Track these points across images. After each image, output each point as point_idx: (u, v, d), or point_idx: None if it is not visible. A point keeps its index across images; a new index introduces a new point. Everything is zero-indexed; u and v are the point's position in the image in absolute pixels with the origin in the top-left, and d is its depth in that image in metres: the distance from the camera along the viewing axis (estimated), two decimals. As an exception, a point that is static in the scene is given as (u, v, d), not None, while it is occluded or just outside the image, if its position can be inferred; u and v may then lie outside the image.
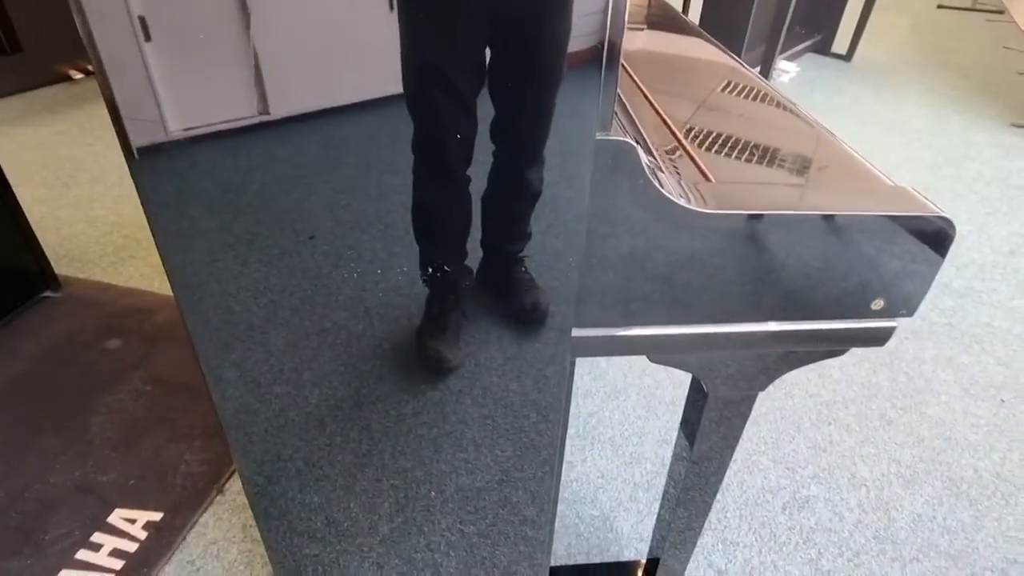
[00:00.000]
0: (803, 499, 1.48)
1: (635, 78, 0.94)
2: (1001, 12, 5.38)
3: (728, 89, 0.98)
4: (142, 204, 0.57)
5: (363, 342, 0.69)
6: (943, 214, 0.66)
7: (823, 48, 4.43)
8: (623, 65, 0.92)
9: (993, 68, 4.25)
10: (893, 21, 5.15)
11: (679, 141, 0.78)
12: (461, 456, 0.83)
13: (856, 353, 1.90)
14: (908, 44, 4.79)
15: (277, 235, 0.59)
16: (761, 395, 1.75)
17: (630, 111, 0.81)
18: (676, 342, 0.72)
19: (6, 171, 1.81)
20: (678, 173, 0.70)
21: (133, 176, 0.55)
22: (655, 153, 0.72)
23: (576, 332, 0.69)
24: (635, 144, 0.58)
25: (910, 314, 0.72)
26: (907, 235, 0.66)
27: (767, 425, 1.66)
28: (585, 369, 1.80)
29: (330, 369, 0.70)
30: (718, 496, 1.45)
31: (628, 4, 0.52)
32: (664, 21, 1.36)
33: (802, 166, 0.78)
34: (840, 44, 4.36)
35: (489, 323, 0.70)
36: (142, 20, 0.47)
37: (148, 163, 0.54)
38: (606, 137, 0.57)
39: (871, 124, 3.43)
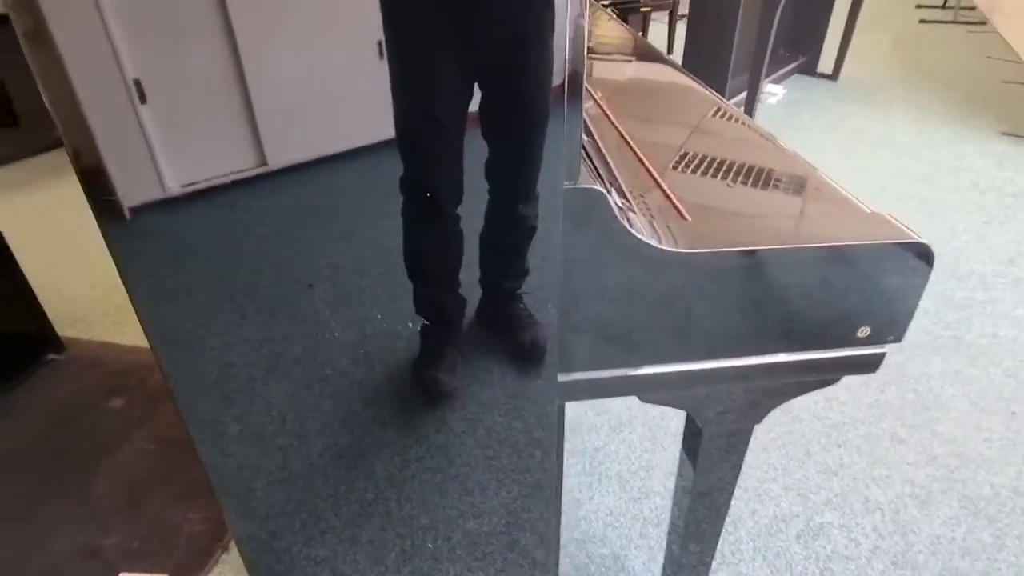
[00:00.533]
0: (817, 527, 1.45)
1: (610, 116, 0.96)
2: (983, 23, 5.45)
3: (707, 121, 1.00)
4: (121, 266, 0.57)
5: (365, 388, 0.69)
6: (921, 240, 0.66)
7: (809, 69, 4.49)
8: (600, 104, 0.94)
9: (978, 78, 4.29)
10: (876, 39, 5.22)
11: (655, 180, 0.79)
12: (467, 500, 0.82)
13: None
14: (892, 60, 4.85)
15: (277, 285, 0.60)
16: (769, 420, 1.72)
17: (603, 151, 0.82)
18: (663, 381, 0.72)
19: (7, 237, 1.84)
20: (651, 214, 0.71)
21: (111, 239, 0.55)
22: (628, 195, 0.73)
23: (562, 377, 0.69)
24: (604, 192, 0.59)
25: (898, 339, 0.72)
26: (887, 262, 0.67)
27: (776, 451, 1.64)
28: (588, 406, 1.79)
29: (333, 417, 0.70)
30: (730, 527, 1.43)
31: (585, 55, 0.53)
32: (643, 56, 1.39)
33: (778, 197, 0.78)
34: (825, 64, 4.42)
35: (491, 361, 0.70)
36: (137, 83, 0.48)
37: (143, 222, 0.54)
38: (574, 186, 0.58)
39: (861, 140, 3.46)
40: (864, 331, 0.70)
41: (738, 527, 1.44)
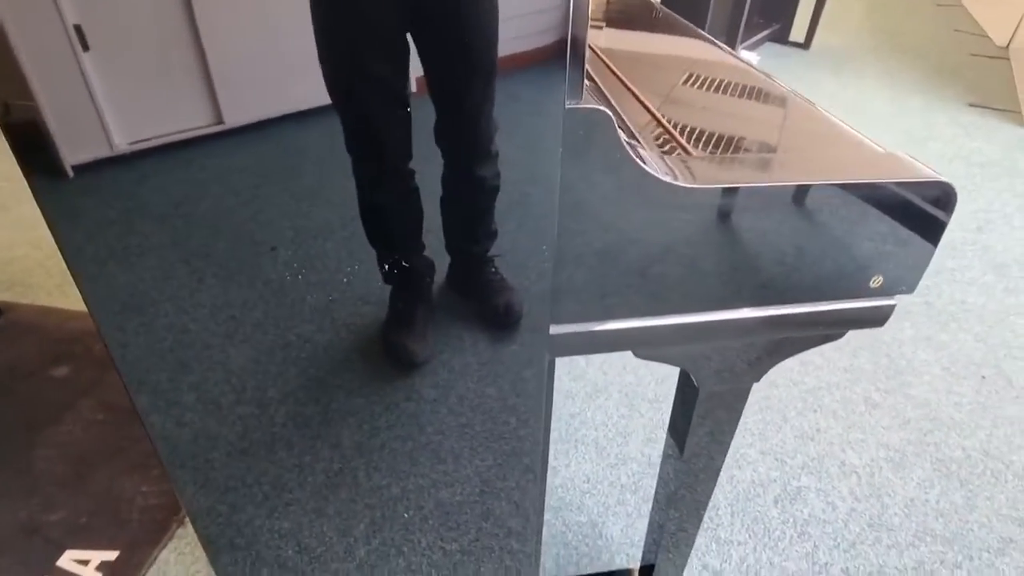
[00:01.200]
0: (795, 491, 1.43)
1: (610, 66, 0.88)
2: (950, -3, 5.51)
3: (702, 73, 0.93)
4: (56, 229, 0.51)
5: (331, 354, 0.64)
6: (942, 178, 0.61)
7: (781, 37, 4.45)
8: (596, 52, 0.86)
9: (947, 50, 4.32)
10: (848, 7, 5.21)
11: (655, 118, 0.72)
12: (440, 468, 0.79)
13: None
14: (863, 29, 4.86)
15: (236, 248, 0.56)
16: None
17: (606, 94, 0.74)
18: (662, 334, 0.66)
19: None
20: (662, 151, 0.64)
21: (48, 199, 0.49)
22: (636, 133, 0.66)
23: (554, 329, 0.63)
24: (609, 114, 0.51)
25: (910, 290, 0.67)
26: (904, 203, 0.61)
27: (752, 416, 1.62)
28: (564, 369, 1.74)
29: (296, 385, 0.66)
30: (708, 493, 1.40)
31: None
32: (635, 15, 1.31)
33: (787, 137, 0.73)
34: (798, 32, 4.39)
35: (461, 327, 0.67)
36: (78, 28, 0.44)
37: (86, 181, 0.49)
38: (576, 106, 0.51)
39: (832, 109, 3.44)
40: (877, 280, 0.65)
41: (716, 493, 1.42)
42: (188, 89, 0.48)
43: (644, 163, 0.55)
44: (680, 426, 0.85)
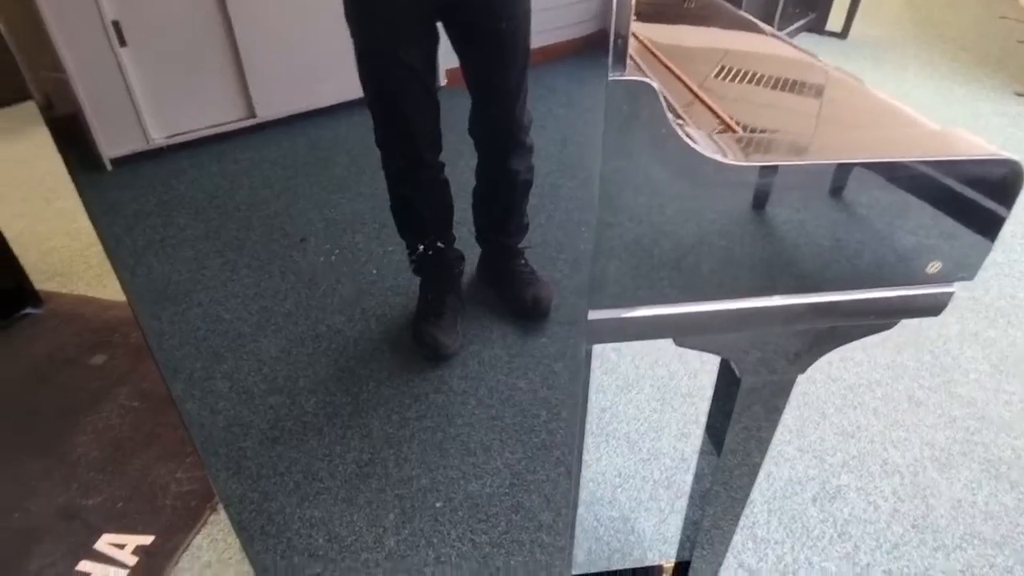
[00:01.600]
0: (834, 489, 1.39)
1: (649, 47, 0.85)
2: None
3: (740, 60, 0.90)
4: (97, 220, 0.52)
5: (360, 345, 0.64)
6: (1008, 156, 0.57)
7: (818, 27, 4.34)
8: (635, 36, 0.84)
9: (991, 38, 4.16)
10: (888, -6, 5.07)
11: (696, 95, 0.69)
12: (469, 461, 0.78)
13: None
14: (903, 19, 4.71)
15: (268, 239, 0.56)
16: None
17: (647, 74, 0.72)
18: (705, 321, 0.63)
19: None
20: (707, 129, 0.61)
21: (89, 192, 0.50)
22: (680, 112, 0.63)
23: (592, 315, 0.61)
24: (654, 85, 0.49)
25: (970, 277, 0.64)
26: (966, 183, 0.58)
27: (789, 412, 1.57)
28: (596, 363, 1.72)
29: (327, 375, 0.66)
30: (744, 490, 1.37)
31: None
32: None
33: (838, 114, 0.69)
34: (835, 22, 4.27)
35: (492, 319, 0.66)
36: (116, 24, 0.45)
37: (124, 174, 0.50)
38: (620, 78, 0.48)
39: (873, 99, 3.34)
40: (934, 266, 0.62)
41: (752, 490, 1.38)
42: (222, 84, 0.49)
43: (691, 140, 0.52)
44: (718, 423, 0.82)
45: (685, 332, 0.65)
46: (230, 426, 0.67)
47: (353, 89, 0.50)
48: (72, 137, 0.47)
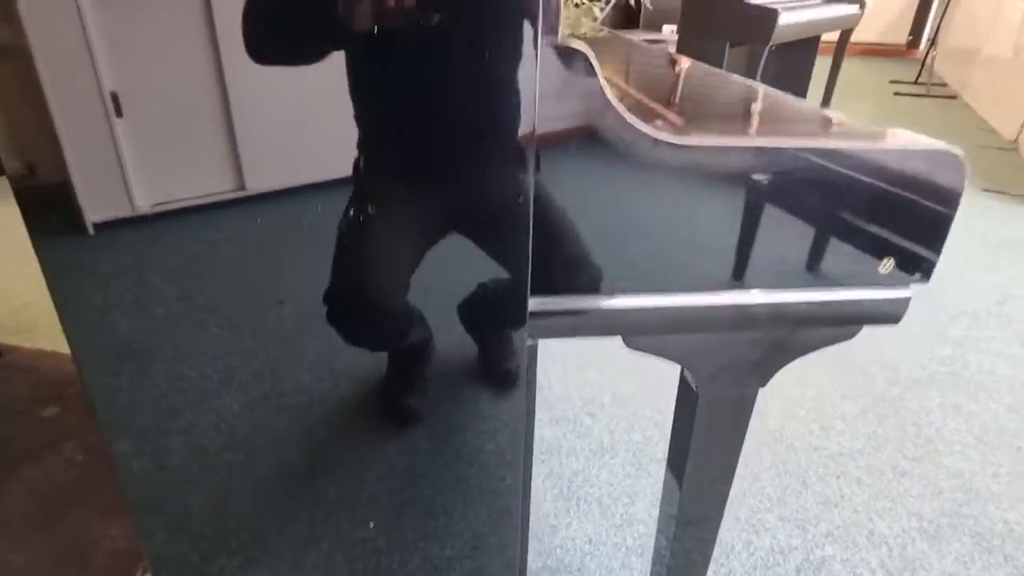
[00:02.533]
0: (818, 560, 1.30)
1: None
2: (954, 97, 5.67)
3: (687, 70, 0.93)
4: (50, 281, 0.53)
5: (326, 404, 0.64)
6: (952, 149, 0.57)
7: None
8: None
9: (955, 144, 4.39)
10: (853, 106, 5.38)
11: (637, 99, 0.70)
12: (430, 523, 0.75)
13: (858, 402, 1.77)
14: (875, 113, 4.98)
15: (243, 301, 0.57)
16: (761, 447, 1.61)
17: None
18: (653, 319, 0.61)
19: None
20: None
21: (44, 257, 0.52)
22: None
23: (533, 303, 0.58)
24: (588, 53, 0.49)
25: (926, 278, 0.62)
26: (913, 175, 0.58)
27: (770, 480, 1.50)
28: (568, 428, 1.66)
29: (287, 432, 0.65)
30: (722, 558, 1.28)
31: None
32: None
33: (779, 117, 0.70)
34: (813, 99, 4.51)
35: (462, 381, 0.66)
36: (114, 96, 0.46)
37: (105, 238, 0.51)
38: (554, 43, 0.49)
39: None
40: (887, 264, 0.61)
41: (731, 558, 1.29)
42: (214, 156, 0.50)
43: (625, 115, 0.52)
44: (679, 450, 0.77)
45: (632, 330, 0.62)
46: (178, 483, 0.65)
47: (342, 167, 0.51)
48: (54, 202, 0.49)
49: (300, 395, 0.62)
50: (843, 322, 0.65)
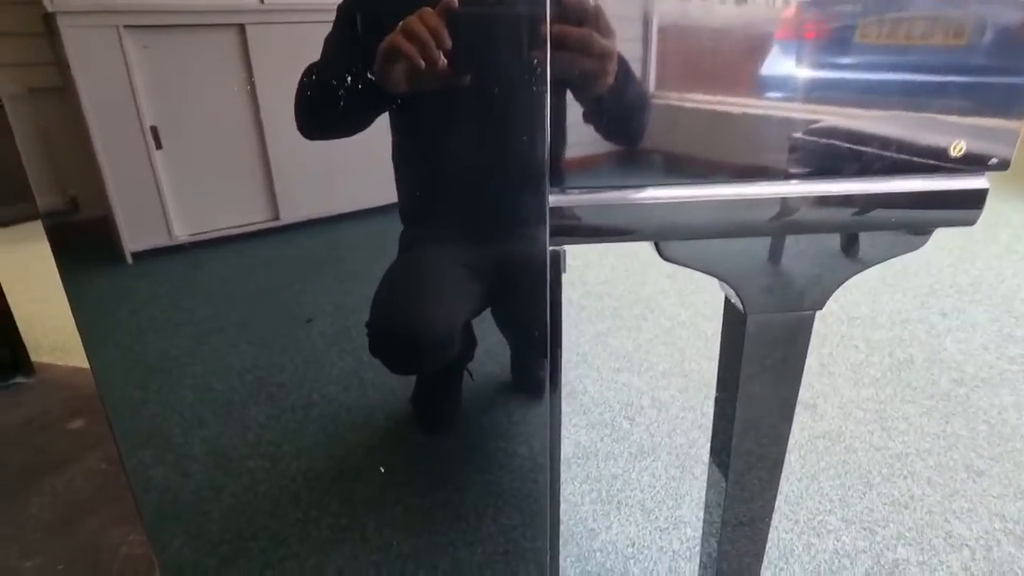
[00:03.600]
0: (891, 564, 1.16)
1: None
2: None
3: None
4: (76, 308, 0.55)
5: (354, 413, 0.64)
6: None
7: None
8: None
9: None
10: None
11: None
12: (459, 527, 0.72)
13: (922, 403, 1.63)
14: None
15: (273, 320, 0.58)
16: (817, 447, 1.48)
17: None
18: (691, 215, 0.54)
19: (11, 280, 1.80)
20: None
21: (70, 289, 0.53)
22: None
23: (554, 200, 0.52)
24: None
25: (1004, 166, 0.55)
26: (987, 32, 0.51)
27: (828, 481, 1.37)
28: (605, 431, 1.56)
29: (314, 441, 0.65)
30: (780, 562, 1.15)
31: None
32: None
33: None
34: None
35: (496, 387, 0.65)
36: (154, 129, 0.47)
37: (144, 266, 0.53)
38: None
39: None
40: (959, 146, 0.53)
41: (790, 562, 1.17)
42: (250, 187, 0.51)
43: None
44: (726, 401, 0.69)
45: (667, 233, 0.55)
46: (199, 489, 0.64)
47: (373, 197, 0.53)
48: (92, 234, 0.51)
49: (328, 406, 0.63)
50: (912, 217, 0.57)
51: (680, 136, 0.51)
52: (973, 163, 0.54)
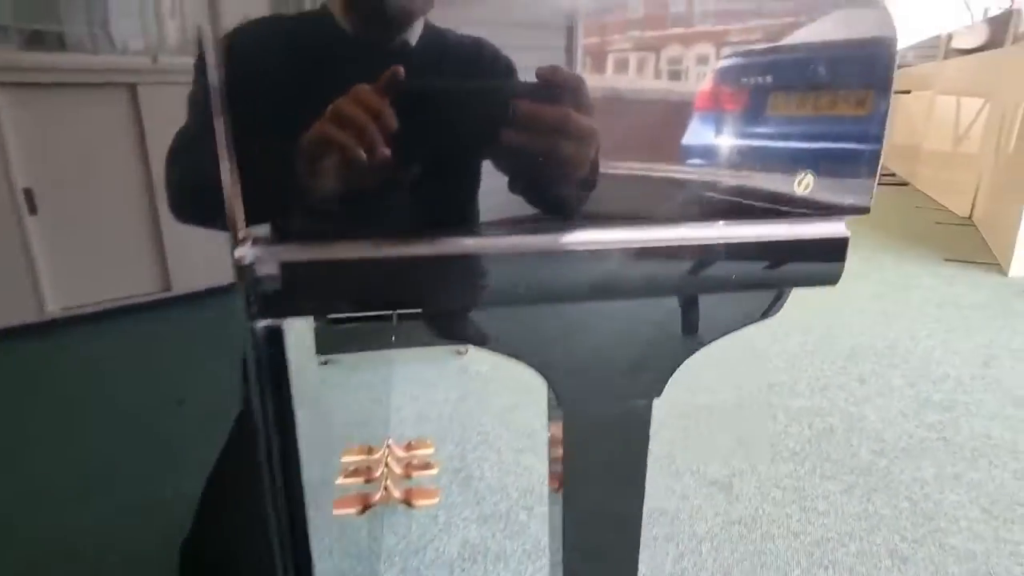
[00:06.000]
0: None
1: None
2: (905, 184, 5.83)
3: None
4: None
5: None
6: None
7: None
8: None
9: (912, 222, 4.39)
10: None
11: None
12: None
13: (843, 479, 1.51)
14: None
15: (134, 401, 0.49)
16: (732, 534, 1.33)
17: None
18: (459, 273, 0.39)
19: None
20: None
21: None
22: None
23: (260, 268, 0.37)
24: None
25: (864, 210, 0.42)
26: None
27: (742, 575, 1.21)
28: (499, 526, 1.36)
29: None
30: None
31: None
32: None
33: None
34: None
35: None
36: (27, 192, 0.42)
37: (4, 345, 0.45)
38: None
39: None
40: (805, 180, 0.41)
41: None
42: (136, 256, 0.46)
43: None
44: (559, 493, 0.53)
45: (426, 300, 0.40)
46: None
47: None
48: None
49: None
50: (758, 280, 0.43)
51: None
52: (826, 206, 0.41)
